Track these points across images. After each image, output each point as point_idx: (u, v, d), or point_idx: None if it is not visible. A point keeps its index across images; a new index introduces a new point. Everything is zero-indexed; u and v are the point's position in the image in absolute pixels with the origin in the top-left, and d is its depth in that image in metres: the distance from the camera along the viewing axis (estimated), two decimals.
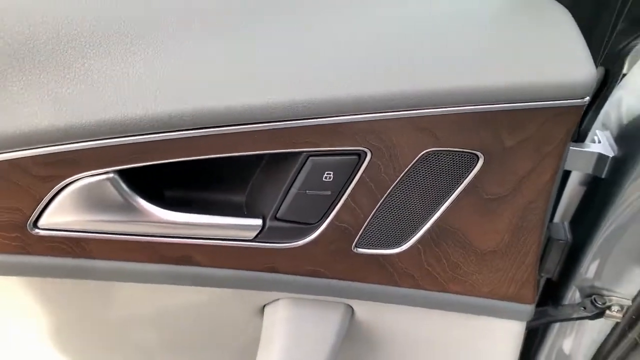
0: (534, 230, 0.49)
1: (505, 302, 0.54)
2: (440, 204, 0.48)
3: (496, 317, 0.55)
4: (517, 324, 0.56)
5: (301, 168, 0.47)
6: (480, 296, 0.53)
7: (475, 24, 0.46)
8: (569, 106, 0.42)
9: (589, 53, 0.43)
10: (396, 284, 0.54)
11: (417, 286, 0.54)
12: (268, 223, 0.51)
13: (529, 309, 0.54)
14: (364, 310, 0.59)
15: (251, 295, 0.57)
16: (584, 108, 0.43)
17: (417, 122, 0.44)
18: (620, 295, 0.58)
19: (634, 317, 0.58)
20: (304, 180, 0.47)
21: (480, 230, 0.50)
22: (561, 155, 0.46)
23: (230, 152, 0.45)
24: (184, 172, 0.53)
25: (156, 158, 0.45)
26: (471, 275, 0.52)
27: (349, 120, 0.44)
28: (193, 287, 0.55)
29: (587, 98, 0.43)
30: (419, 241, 0.51)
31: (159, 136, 0.43)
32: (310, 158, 0.46)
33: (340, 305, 0.58)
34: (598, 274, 0.57)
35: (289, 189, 0.48)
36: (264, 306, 0.60)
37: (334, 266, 0.53)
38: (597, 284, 0.57)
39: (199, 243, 0.51)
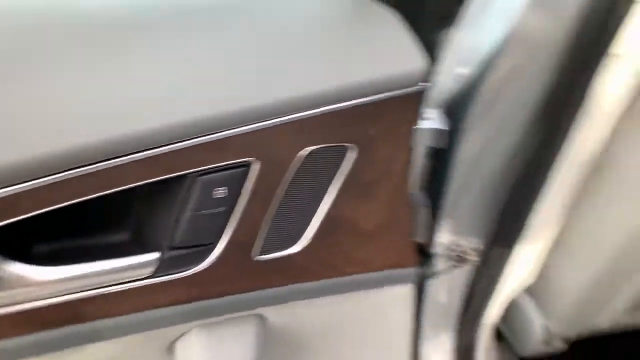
0: (405, 204, 0.57)
1: (392, 270, 0.61)
2: (326, 197, 0.53)
3: (389, 286, 0.61)
4: (407, 287, 0.63)
5: (191, 189, 0.46)
6: (372, 271, 0.59)
7: (317, 33, 0.51)
8: (410, 93, 0.50)
9: (418, 46, 0.51)
10: (299, 281, 0.57)
11: (319, 278, 0.57)
12: (165, 254, 0.49)
13: (412, 271, 0.62)
14: (276, 314, 0.60)
15: (158, 336, 0.55)
16: (424, 92, 0.52)
17: (291, 126, 0.47)
18: (475, 242, 0.67)
19: (485, 257, 0.69)
20: (197, 201, 0.47)
21: (365, 213, 0.55)
22: (411, 136, 0.54)
23: (107, 189, 0.43)
24: (54, 219, 0.48)
25: (17, 213, 0.40)
26: (363, 255, 0.58)
27: (230, 134, 0.45)
28: (90, 345, 0.50)
29: (424, 84, 0.51)
30: (314, 236, 0.54)
31: (15, 189, 0.39)
32: (199, 178, 0.46)
33: (252, 318, 0.58)
34: (455, 228, 0.66)
35: (182, 213, 0.47)
36: (174, 342, 0.57)
37: (239, 281, 0.54)
38: (455, 237, 0.67)
39: (89, 295, 0.47)
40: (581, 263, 0.74)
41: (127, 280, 0.48)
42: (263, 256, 0.53)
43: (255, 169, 0.48)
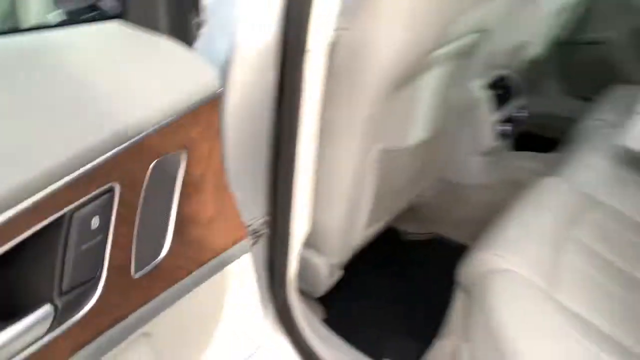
0: (225, 189, 0.63)
1: (233, 248, 0.67)
2: (174, 199, 0.57)
3: (234, 262, 0.68)
4: (244, 258, 0.71)
5: (69, 228, 0.46)
6: (219, 253, 0.65)
7: (123, 71, 0.54)
8: (211, 98, 0.57)
9: (203, 60, 0.57)
10: (176, 281, 0.59)
11: (186, 274, 0.60)
12: (57, 301, 0.46)
13: (245, 244, 0.70)
14: (158, 326, 0.61)
15: None
16: (221, 95, 0.58)
17: (138, 147, 0.49)
18: (261, 216, 0.77)
19: (273, 226, 0.79)
20: (77, 237, 0.46)
21: (203, 205, 0.60)
22: (219, 132, 0.60)
23: None
24: None
25: None
26: (209, 241, 0.62)
27: (91, 167, 0.46)
28: None
29: (219, 90, 0.57)
30: (173, 237, 0.57)
31: None
32: (75, 214, 0.46)
33: (140, 340, 0.58)
34: (243, 207, 0.71)
35: (66, 254, 0.46)
36: None
37: (127, 302, 0.54)
38: (247, 215, 0.73)
39: None
40: (331, 203, 0.99)
41: (22, 346, 0.44)
42: (140, 271, 0.55)
43: (117, 192, 0.49)
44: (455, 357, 0.95)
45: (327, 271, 1.11)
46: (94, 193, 0.46)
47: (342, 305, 1.35)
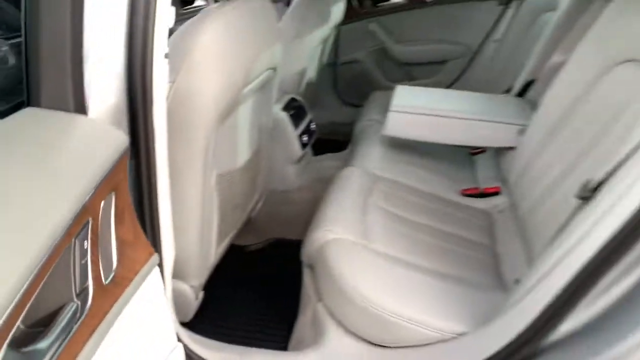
0: (135, 219, 0.74)
1: (149, 261, 0.74)
2: (112, 227, 0.65)
3: (153, 271, 0.75)
4: (156, 269, 0.77)
5: (74, 249, 0.54)
6: (144, 265, 0.71)
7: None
8: (124, 152, 0.68)
9: (114, 128, 0.69)
10: (125, 289, 0.65)
11: (129, 282, 0.66)
12: (77, 301, 0.54)
13: (155, 258, 0.76)
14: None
15: None
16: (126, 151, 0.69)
17: (96, 193, 0.59)
18: None
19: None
20: (80, 255, 0.54)
21: (126, 231, 0.69)
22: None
23: None
24: None
25: None
26: (135, 258, 0.70)
27: (80, 212, 0.53)
28: None
29: (124, 149, 0.68)
30: (117, 254, 0.66)
31: None
32: (76, 240, 0.54)
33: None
34: None
35: (75, 266, 0.53)
36: None
37: (103, 304, 0.60)
38: None
39: None
40: (185, 229, 1.10)
41: (67, 334, 0.51)
42: (107, 280, 0.62)
43: (90, 223, 0.58)
44: (315, 318, 1.21)
45: (193, 294, 1.24)
46: (82, 225, 0.55)
47: (207, 326, 1.45)
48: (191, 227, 1.14)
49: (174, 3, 0.79)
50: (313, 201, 1.79)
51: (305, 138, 1.86)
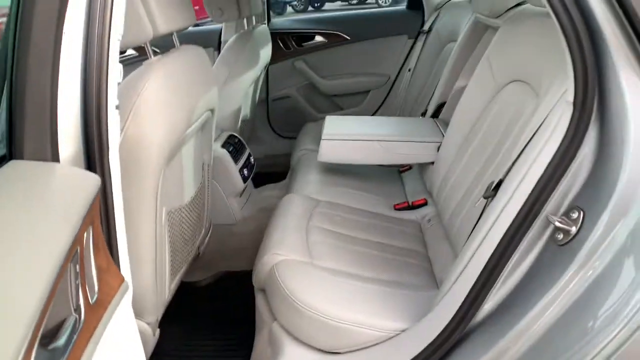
0: (106, 249, 0.81)
1: (121, 287, 0.79)
2: (92, 256, 0.72)
3: (126, 294, 0.79)
4: (128, 293, 0.81)
5: (71, 272, 0.62)
6: (117, 290, 0.76)
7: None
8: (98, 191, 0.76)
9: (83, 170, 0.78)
10: (105, 309, 0.71)
11: (107, 304, 0.72)
12: (75, 315, 0.61)
13: (126, 284, 0.80)
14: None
15: None
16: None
17: (80, 228, 0.65)
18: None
19: None
20: (74, 276, 0.61)
21: (101, 259, 0.75)
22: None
23: None
24: None
25: None
26: (111, 282, 0.75)
27: (71, 245, 0.61)
28: None
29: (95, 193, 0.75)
30: (97, 279, 0.72)
31: None
32: (71, 264, 0.62)
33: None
34: None
35: (71, 286, 0.61)
36: None
37: (92, 321, 0.66)
38: None
39: None
40: (140, 267, 1.13)
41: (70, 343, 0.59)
42: (92, 300, 0.69)
43: (79, 252, 0.65)
44: (271, 337, 1.29)
45: (151, 331, 1.28)
46: (74, 252, 0.61)
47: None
48: (146, 263, 1.20)
49: None
50: (258, 231, 1.89)
51: (245, 172, 1.96)
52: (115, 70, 0.83)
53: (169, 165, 1.20)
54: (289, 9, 11.69)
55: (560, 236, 0.90)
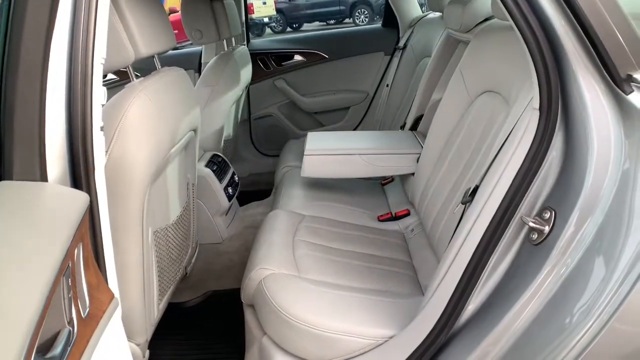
0: (96, 267, 0.83)
1: (112, 303, 0.80)
2: (82, 273, 0.74)
3: (117, 309, 0.81)
4: (118, 309, 0.82)
5: (64, 286, 0.63)
6: (108, 306, 0.77)
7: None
8: (86, 209, 0.78)
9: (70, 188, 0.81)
10: (97, 325, 0.73)
11: (99, 319, 0.73)
12: (69, 327, 0.62)
13: (116, 300, 0.81)
14: None
15: None
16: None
17: (71, 246, 0.68)
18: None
19: None
20: (67, 291, 0.64)
21: (91, 276, 0.76)
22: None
23: None
24: None
25: None
26: (101, 298, 0.76)
27: (64, 260, 0.64)
28: None
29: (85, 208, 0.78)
30: (88, 296, 0.74)
31: None
32: (64, 278, 0.64)
33: None
34: None
35: (65, 300, 0.63)
36: None
37: (84, 334, 0.67)
38: None
39: None
40: (128, 289, 1.16)
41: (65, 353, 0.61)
42: (84, 315, 0.70)
43: (70, 268, 0.67)
44: (261, 351, 1.30)
45: (140, 352, 1.28)
46: (66, 267, 0.62)
47: None
48: (134, 284, 1.20)
49: None
50: (244, 249, 1.90)
51: (230, 190, 1.98)
52: (99, 92, 0.86)
53: (154, 185, 1.22)
54: (268, 30, 11.87)
55: (535, 236, 0.94)
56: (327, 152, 1.80)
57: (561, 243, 0.89)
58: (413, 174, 1.80)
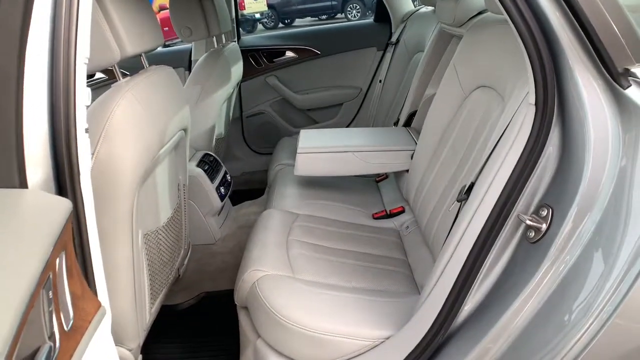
0: (81, 275, 0.78)
1: (99, 312, 0.77)
2: (65, 282, 0.70)
3: (105, 318, 0.78)
4: (106, 318, 0.80)
5: (44, 300, 0.60)
6: (95, 315, 0.75)
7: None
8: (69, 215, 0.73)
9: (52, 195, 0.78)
10: (82, 336, 0.70)
11: (85, 330, 0.71)
12: (49, 343, 0.59)
13: (103, 309, 0.79)
14: None
15: None
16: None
17: (52, 254, 0.66)
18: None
19: None
20: (47, 304, 0.60)
21: (76, 285, 0.73)
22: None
23: None
24: None
25: None
26: (87, 308, 0.74)
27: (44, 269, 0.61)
28: None
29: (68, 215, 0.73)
30: (72, 306, 0.71)
31: None
32: (44, 290, 0.60)
33: None
34: None
35: (45, 314, 0.59)
36: None
37: (67, 348, 0.65)
38: None
39: None
40: (119, 293, 1.13)
41: None
42: (67, 327, 0.67)
43: (52, 278, 0.64)
44: (256, 354, 1.28)
45: (133, 358, 1.25)
46: (46, 278, 0.60)
47: None
48: (125, 288, 1.18)
49: None
50: (238, 249, 1.88)
51: (222, 190, 1.95)
52: (83, 93, 0.83)
53: (143, 187, 1.19)
54: (260, 26, 11.80)
55: (532, 234, 0.93)
56: (320, 150, 1.78)
57: (559, 241, 0.87)
58: (407, 170, 1.78)
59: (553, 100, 0.88)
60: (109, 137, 1.05)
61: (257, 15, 11.70)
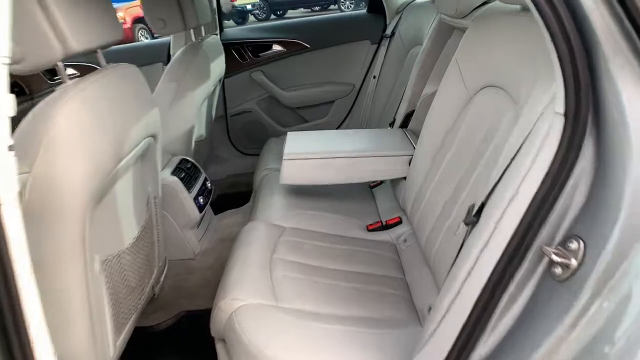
0: None
1: None
2: None
3: None
4: None
5: None
6: None
7: None
8: None
9: None
10: None
11: None
12: None
13: None
14: None
15: None
16: None
17: None
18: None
19: None
20: None
21: None
22: None
23: None
24: None
25: None
26: None
27: None
28: None
29: None
30: None
31: None
32: None
33: None
34: None
35: None
36: None
37: None
38: None
39: None
40: (71, 330, 1.01)
41: None
42: None
43: None
44: None
45: None
46: None
47: None
48: (78, 322, 1.02)
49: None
50: (219, 264, 1.71)
51: (201, 200, 1.78)
52: (4, 101, 0.66)
53: (98, 207, 1.02)
54: (252, 17, 11.56)
55: (559, 270, 0.76)
56: (308, 156, 1.61)
57: (594, 280, 0.71)
58: (404, 177, 1.61)
59: (587, 109, 0.72)
60: (50, 152, 0.87)
61: (249, 7, 11.45)
